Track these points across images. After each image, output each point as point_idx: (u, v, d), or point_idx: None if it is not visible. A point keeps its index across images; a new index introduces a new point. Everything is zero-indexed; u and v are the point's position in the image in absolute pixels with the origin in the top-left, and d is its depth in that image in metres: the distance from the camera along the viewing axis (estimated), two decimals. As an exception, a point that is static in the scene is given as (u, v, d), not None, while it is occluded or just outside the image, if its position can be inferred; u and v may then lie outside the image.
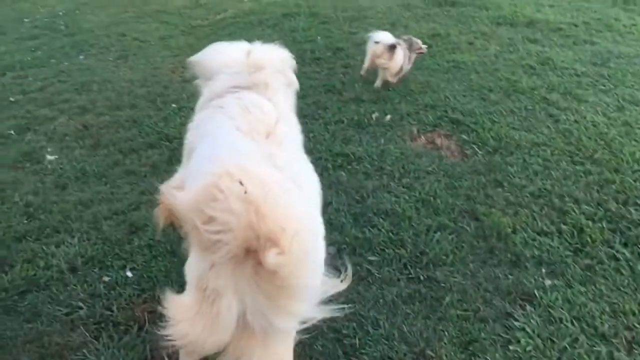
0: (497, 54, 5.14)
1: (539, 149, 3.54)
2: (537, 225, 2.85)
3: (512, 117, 3.97)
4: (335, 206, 3.12)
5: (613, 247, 2.69)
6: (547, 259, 2.64)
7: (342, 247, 2.80)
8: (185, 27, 6.63)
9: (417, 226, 2.91)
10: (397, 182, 3.32)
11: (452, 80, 4.64)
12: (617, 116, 3.86)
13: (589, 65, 4.73)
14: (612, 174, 3.22)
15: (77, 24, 7.05)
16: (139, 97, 4.64)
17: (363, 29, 6.00)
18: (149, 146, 3.86)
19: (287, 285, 1.40)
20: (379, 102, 4.31)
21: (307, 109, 4.20)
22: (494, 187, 3.21)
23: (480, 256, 2.70)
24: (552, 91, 4.29)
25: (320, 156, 3.60)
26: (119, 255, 2.81)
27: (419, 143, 3.75)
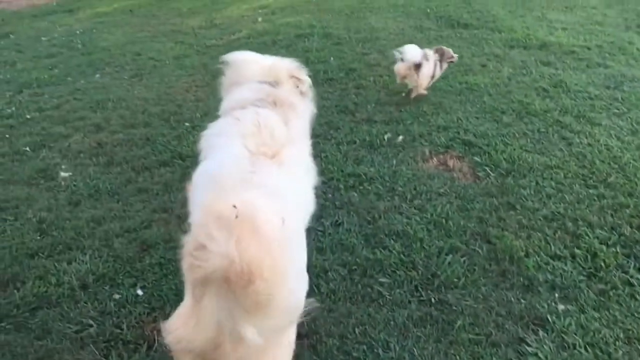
0: (510, 76, 5.14)
1: (552, 172, 3.52)
2: (550, 249, 2.83)
3: (525, 139, 3.95)
4: (347, 227, 3.11)
5: (627, 272, 2.65)
6: (561, 283, 2.61)
7: (353, 269, 2.79)
8: (199, 47, 6.71)
9: (429, 248, 2.90)
10: (409, 203, 3.31)
11: (464, 102, 4.65)
12: (631, 140, 3.83)
13: (603, 88, 4.72)
14: (626, 198, 3.19)
15: (94, 43, 7.16)
16: (152, 115, 4.68)
17: (375, 50, 6.05)
18: (162, 164, 3.88)
19: (260, 302, 1.46)
20: (391, 123, 4.32)
21: (320, 129, 4.21)
22: (506, 209, 3.19)
23: (492, 279, 2.68)
24: (565, 114, 4.28)
25: (332, 176, 3.61)
26: (129, 273, 2.82)
27: (431, 164, 3.75)
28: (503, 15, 7.08)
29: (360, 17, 7.47)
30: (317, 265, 2.81)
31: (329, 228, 3.11)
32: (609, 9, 7.13)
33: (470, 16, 7.08)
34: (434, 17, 7.21)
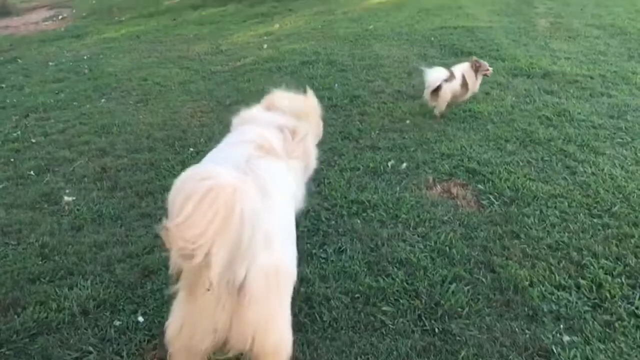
0: (514, 104, 5.16)
1: (556, 201, 3.50)
2: (555, 279, 2.80)
3: (529, 167, 3.95)
4: (350, 254, 3.10)
5: (633, 303, 2.62)
6: (565, 314, 2.58)
7: (355, 297, 2.77)
8: (205, 72, 6.78)
9: (432, 276, 2.87)
10: (412, 230, 3.30)
11: (468, 129, 4.66)
12: (635, 169, 3.82)
13: (606, 117, 4.73)
14: (631, 228, 3.17)
15: (101, 68, 7.25)
16: (157, 140, 4.71)
17: (380, 77, 6.10)
18: (166, 189, 3.84)
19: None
20: (395, 150, 4.33)
21: (323, 155, 4.21)
22: (510, 238, 3.17)
23: (496, 309, 2.65)
24: (569, 143, 4.28)
25: (335, 203, 3.61)
26: (130, 299, 2.81)
27: (435, 192, 3.74)
28: (506, 44, 7.14)
29: (365, 45, 7.55)
30: (319, 293, 2.79)
31: (332, 255, 3.10)
32: (611, 39, 7.19)
33: (474, 45, 7.15)
34: (437, 45, 7.28)
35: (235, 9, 11.52)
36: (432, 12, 9.22)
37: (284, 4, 11.46)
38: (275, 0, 11.97)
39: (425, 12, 9.27)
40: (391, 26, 8.53)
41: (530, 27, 8.04)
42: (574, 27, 7.84)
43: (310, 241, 3.24)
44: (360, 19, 9.25)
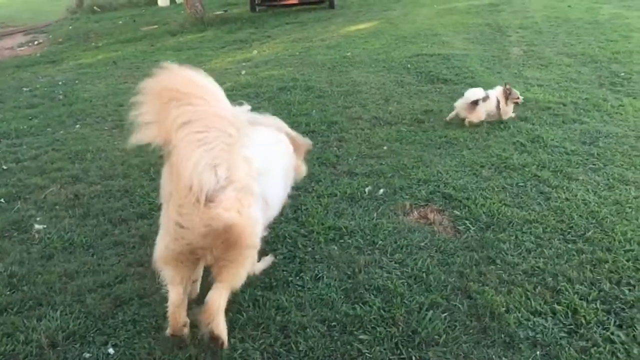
0: (489, 130, 5.22)
1: (531, 226, 3.53)
2: (531, 305, 2.80)
3: (504, 193, 3.98)
4: (327, 281, 3.07)
5: (608, 329, 2.63)
6: (542, 340, 2.58)
7: (332, 325, 2.73)
8: (182, 98, 6.74)
9: (409, 303, 2.85)
10: (390, 257, 3.29)
11: (444, 155, 4.69)
12: (608, 195, 3.88)
13: (579, 144, 4.80)
14: (605, 253, 3.19)
15: (76, 94, 7.19)
16: (132, 166, 4.66)
17: (357, 104, 6.14)
18: (140, 216, 3.83)
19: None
20: (373, 176, 4.33)
21: (300, 181, 4.21)
22: (486, 264, 3.17)
23: (473, 336, 2.63)
24: (542, 168, 4.33)
25: (312, 229, 3.58)
26: (101, 330, 2.74)
27: (412, 218, 3.74)
28: (481, 71, 7.25)
29: (342, 71, 7.62)
30: (295, 321, 2.75)
31: (308, 282, 3.07)
32: (583, 67, 7.35)
33: (449, 72, 7.25)
34: (414, 72, 7.37)
35: (214, 35, 11.56)
36: (409, 40, 9.35)
37: (262, 31, 11.55)
38: (253, 27, 12.06)
39: (402, 40, 9.40)
40: (368, 53, 8.63)
41: (503, 55, 8.19)
42: (546, 56, 8.00)
43: (286, 269, 3.20)
44: (337, 46, 9.35)
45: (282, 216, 3.70)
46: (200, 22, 12.72)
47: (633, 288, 2.90)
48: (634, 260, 3.12)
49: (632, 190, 3.92)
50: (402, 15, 12.01)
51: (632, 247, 3.24)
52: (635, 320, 2.67)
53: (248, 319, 2.79)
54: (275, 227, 3.59)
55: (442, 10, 12.37)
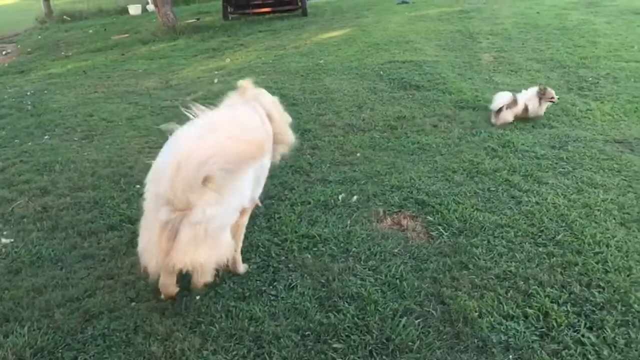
0: (461, 136, 5.27)
1: (503, 231, 3.56)
2: (503, 309, 2.82)
3: (476, 198, 4.01)
4: (300, 290, 3.06)
5: (578, 331, 2.66)
6: (514, 344, 2.59)
7: (306, 334, 2.71)
8: (154, 107, 6.69)
9: (383, 310, 2.85)
10: (363, 264, 3.28)
11: (417, 161, 4.72)
12: (577, 198, 3.94)
13: (548, 148, 4.88)
14: (575, 256, 3.24)
15: (45, 104, 7.07)
16: (102, 177, 4.58)
17: (330, 111, 6.15)
18: (110, 228, 3.77)
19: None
20: (346, 183, 4.33)
21: (274, 189, 4.20)
22: (459, 269, 3.19)
23: (446, 342, 2.64)
24: (513, 173, 4.38)
25: (285, 238, 3.56)
26: (70, 345, 2.68)
27: (385, 224, 3.75)
28: (453, 77, 7.33)
29: (316, 79, 7.63)
30: (269, 331, 2.73)
31: (282, 292, 3.05)
32: (552, 72, 7.48)
33: (422, 78, 7.31)
34: (387, 79, 7.41)
35: (186, 44, 11.49)
36: (381, 47, 9.41)
37: (235, 39, 11.51)
38: (226, 35, 12.02)
39: (374, 47, 9.46)
40: (341, 60, 8.66)
41: (474, 61, 8.29)
42: (516, 61, 8.12)
43: (260, 278, 3.18)
44: (310, 54, 9.36)
45: (255, 225, 3.68)
46: (172, 31, 12.63)
47: (603, 290, 2.94)
48: (603, 262, 3.17)
49: (601, 193, 3.98)
50: (374, 23, 12.09)
51: (601, 250, 3.29)
52: (605, 322, 2.71)
53: (220, 330, 2.76)
54: (248, 236, 3.56)
55: (414, 17, 12.48)
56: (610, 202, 3.87)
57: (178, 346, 2.65)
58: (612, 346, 2.56)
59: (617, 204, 3.83)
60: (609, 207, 3.80)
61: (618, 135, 5.13)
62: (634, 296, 2.87)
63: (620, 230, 3.51)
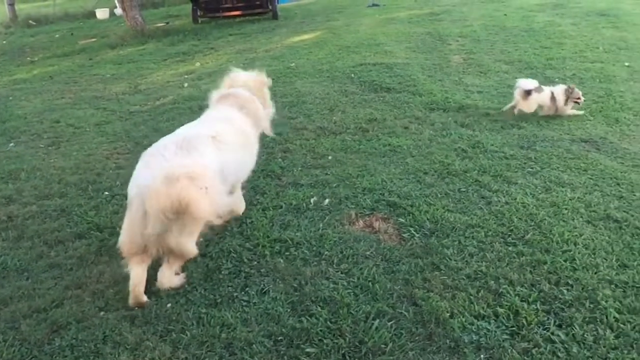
0: (431, 137, 5.31)
1: (474, 231, 3.59)
2: (475, 309, 2.84)
3: (447, 199, 4.04)
4: (273, 295, 3.04)
5: (548, 329, 2.69)
6: (485, 343, 2.62)
7: (278, 339, 2.70)
8: (122, 112, 6.60)
9: (356, 313, 2.85)
10: (336, 267, 3.28)
11: (388, 163, 4.73)
12: (545, 197, 3.99)
13: (517, 148, 4.94)
14: (543, 255, 3.28)
15: (10, 111, 6.91)
16: (69, 185, 4.50)
17: (302, 114, 6.13)
18: (77, 237, 3.70)
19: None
20: (318, 186, 4.32)
21: (246, 194, 4.16)
22: (431, 270, 3.20)
23: (419, 343, 2.65)
24: (483, 173, 4.42)
25: (257, 243, 3.54)
26: (37, 357, 2.64)
27: (357, 227, 3.75)
28: (423, 79, 7.38)
29: (287, 82, 7.61)
30: (241, 338, 2.71)
31: (254, 297, 3.02)
32: (520, 73, 7.57)
33: (392, 80, 7.34)
34: (357, 82, 7.43)
35: (155, 48, 11.36)
36: (352, 50, 9.43)
37: (205, 42, 11.43)
38: (196, 39, 11.92)
39: (345, 50, 9.48)
40: (312, 63, 8.66)
41: (444, 63, 8.36)
42: (485, 63, 8.22)
43: (231, 284, 3.15)
44: (281, 57, 9.34)
45: (226, 230, 3.65)
46: (140, 35, 12.48)
47: (571, 288, 2.99)
48: (571, 260, 3.22)
49: (568, 192, 4.05)
50: (345, 25, 12.12)
51: (569, 248, 3.34)
52: (574, 319, 2.75)
53: (192, 338, 2.72)
54: (219, 242, 3.53)
55: (384, 19, 12.55)
56: (577, 200, 3.94)
57: (148, 355, 2.61)
58: (581, 343, 2.61)
59: (584, 202, 3.91)
60: (576, 205, 3.86)
61: (584, 135, 5.23)
62: (602, 293, 2.92)
63: (587, 228, 3.57)
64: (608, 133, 5.28)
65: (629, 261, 3.21)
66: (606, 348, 2.57)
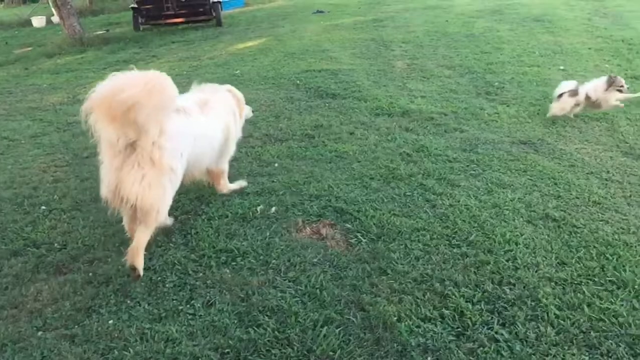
0: (377, 142, 5.35)
1: (419, 234, 3.63)
2: (421, 312, 2.87)
3: (393, 203, 4.08)
4: (219, 306, 2.98)
5: (492, 328, 2.74)
6: (432, 345, 2.64)
7: (225, 352, 2.64)
8: (60, 123, 6.38)
9: (304, 322, 2.83)
10: (283, 276, 3.25)
11: (335, 169, 4.74)
12: (487, 199, 4.08)
13: (460, 151, 5.04)
14: (487, 255, 3.35)
15: (-61, 124, 6.57)
16: (3, 200, 4.30)
17: (247, 122, 6.03)
18: (13, 254, 3.54)
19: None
20: (264, 194, 4.28)
21: (190, 204, 4.10)
22: (378, 275, 3.22)
23: (367, 349, 2.65)
24: (428, 177, 4.49)
25: (203, 253, 3.47)
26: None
27: (305, 234, 3.73)
28: (368, 85, 7.46)
29: (232, 90, 7.52)
30: (187, 352, 2.64)
31: (200, 310, 2.96)
32: (461, 78, 7.77)
33: (338, 86, 7.39)
34: (303, 88, 7.44)
35: (95, 56, 11.07)
36: (297, 56, 9.45)
37: (147, 50, 11.22)
38: (137, 47, 11.69)
39: (291, 56, 9.49)
40: (257, 70, 8.62)
41: (389, 68, 8.48)
42: (428, 68, 8.39)
43: (176, 297, 3.07)
44: (226, 64, 9.27)
45: (170, 242, 3.57)
46: (79, 43, 12.15)
47: (513, 287, 3.06)
48: (513, 260, 3.30)
49: (509, 193, 4.16)
50: (290, 32, 12.15)
51: (510, 248, 3.42)
52: (516, 317, 2.81)
53: (135, 355, 2.64)
54: (163, 254, 3.45)
55: (329, 26, 12.65)
56: (517, 201, 4.04)
57: (89, 375, 2.51)
58: (524, 341, 2.66)
59: (524, 203, 4.02)
60: (517, 206, 3.97)
61: (523, 137, 5.39)
62: (542, 291, 3.00)
63: (527, 228, 3.67)
64: (545, 134, 5.46)
65: (567, 259, 3.31)
66: (548, 345, 2.63)
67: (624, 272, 3.15)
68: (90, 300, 3.06)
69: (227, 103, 4.19)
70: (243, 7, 19.50)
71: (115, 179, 3.11)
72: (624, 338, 2.67)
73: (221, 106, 4.05)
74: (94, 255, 3.50)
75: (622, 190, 4.24)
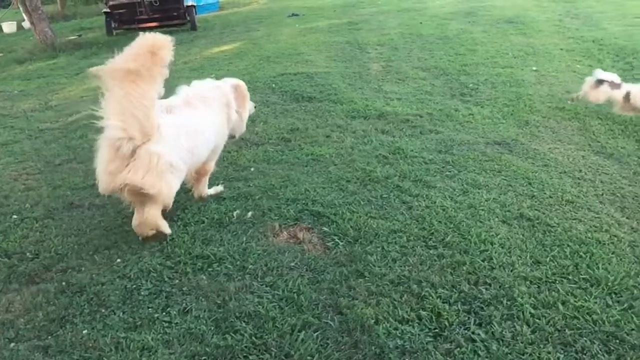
0: (353, 145, 5.36)
1: (396, 236, 3.64)
2: (399, 314, 2.87)
3: (370, 206, 4.08)
4: (195, 313, 2.95)
5: (469, 328, 2.76)
6: (410, 347, 2.64)
7: (202, 359, 2.61)
8: (32, 130, 6.26)
9: (282, 327, 2.81)
10: (260, 281, 3.23)
11: (311, 173, 4.73)
12: (463, 200, 4.12)
13: (435, 153, 5.08)
14: (462, 256, 3.37)
15: None
16: (-27, 211, 4.21)
17: (223, 127, 6.02)
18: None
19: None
20: (241, 199, 4.26)
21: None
22: (355, 277, 3.21)
23: (345, 352, 2.64)
24: (404, 179, 4.51)
25: (179, 260, 3.43)
26: None
27: (282, 238, 3.72)
28: (343, 88, 7.47)
29: (207, 94, 7.46)
30: (162, 361, 2.60)
31: (176, 317, 2.92)
32: (436, 80, 7.83)
33: (313, 90, 7.39)
34: (279, 92, 7.42)
35: (67, 62, 10.91)
36: (273, 60, 9.43)
37: (122, 55, 11.07)
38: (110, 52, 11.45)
39: (266, 60, 9.46)
40: (233, 74, 8.49)
41: (364, 71, 8.50)
42: (403, 70, 8.43)
43: (152, 305, 3.03)
44: (201, 68, 9.20)
45: (145, 250, 3.53)
46: (51, 48, 11.97)
47: (489, 287, 3.08)
48: (489, 259, 3.33)
49: (484, 194, 4.19)
50: (266, 36, 12.12)
51: (486, 248, 3.45)
52: (492, 317, 2.83)
53: (110, 365, 2.59)
54: (138, 262, 3.41)
55: (304, 29, 12.65)
56: (492, 201, 4.08)
57: (62, 387, 2.46)
58: (500, 340, 2.68)
59: (499, 203, 4.05)
60: (492, 206, 4.01)
61: (497, 138, 5.45)
62: (518, 290, 3.03)
63: (502, 228, 3.71)
64: (519, 135, 5.53)
65: (541, 257, 3.35)
66: (524, 343, 2.66)
67: (597, 270, 3.20)
68: (64, 310, 3.00)
69: (221, 98, 4.24)
70: (217, 11, 19.42)
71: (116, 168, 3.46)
72: (597, 335, 2.71)
73: (215, 102, 4.15)
74: (67, 264, 3.44)
75: (594, 189, 4.31)
